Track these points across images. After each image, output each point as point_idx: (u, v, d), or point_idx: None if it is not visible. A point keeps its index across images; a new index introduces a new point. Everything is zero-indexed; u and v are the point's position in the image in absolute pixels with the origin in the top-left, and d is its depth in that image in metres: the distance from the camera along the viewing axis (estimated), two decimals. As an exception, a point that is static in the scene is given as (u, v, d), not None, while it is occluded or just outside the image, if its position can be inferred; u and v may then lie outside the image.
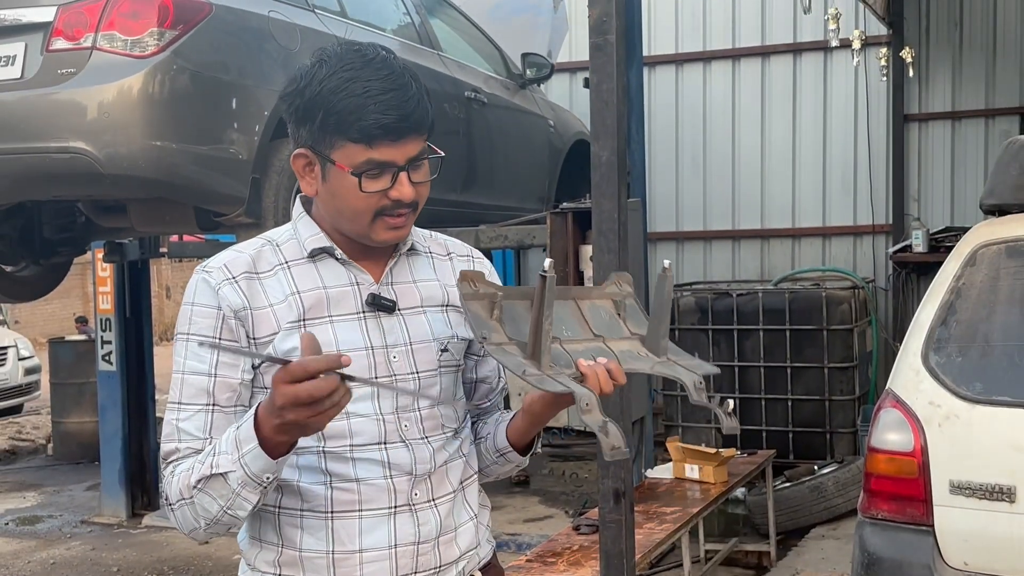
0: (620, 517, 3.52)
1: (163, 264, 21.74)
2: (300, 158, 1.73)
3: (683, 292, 8.00)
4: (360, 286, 1.74)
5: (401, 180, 1.68)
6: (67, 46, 4.29)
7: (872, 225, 8.58)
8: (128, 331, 7.59)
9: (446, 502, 1.77)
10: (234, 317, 1.68)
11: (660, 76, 9.15)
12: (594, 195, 3.50)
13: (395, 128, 1.65)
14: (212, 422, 1.67)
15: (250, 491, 1.58)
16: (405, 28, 6.04)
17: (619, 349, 1.76)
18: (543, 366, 1.61)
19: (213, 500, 1.60)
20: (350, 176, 1.66)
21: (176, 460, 1.67)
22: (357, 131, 1.64)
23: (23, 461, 9.93)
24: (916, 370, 3.42)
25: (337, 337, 1.69)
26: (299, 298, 1.70)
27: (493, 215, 6.48)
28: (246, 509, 1.61)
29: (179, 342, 1.71)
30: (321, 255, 1.74)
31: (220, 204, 4.60)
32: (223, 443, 1.59)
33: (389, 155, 1.66)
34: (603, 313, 1.81)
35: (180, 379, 1.70)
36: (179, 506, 1.64)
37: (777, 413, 7.48)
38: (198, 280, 1.71)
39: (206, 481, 1.59)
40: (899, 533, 3.37)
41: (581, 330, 1.75)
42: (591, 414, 1.58)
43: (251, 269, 1.71)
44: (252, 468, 1.56)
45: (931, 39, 8.47)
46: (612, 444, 1.58)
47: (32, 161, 4.30)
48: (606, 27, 3.41)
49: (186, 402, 1.68)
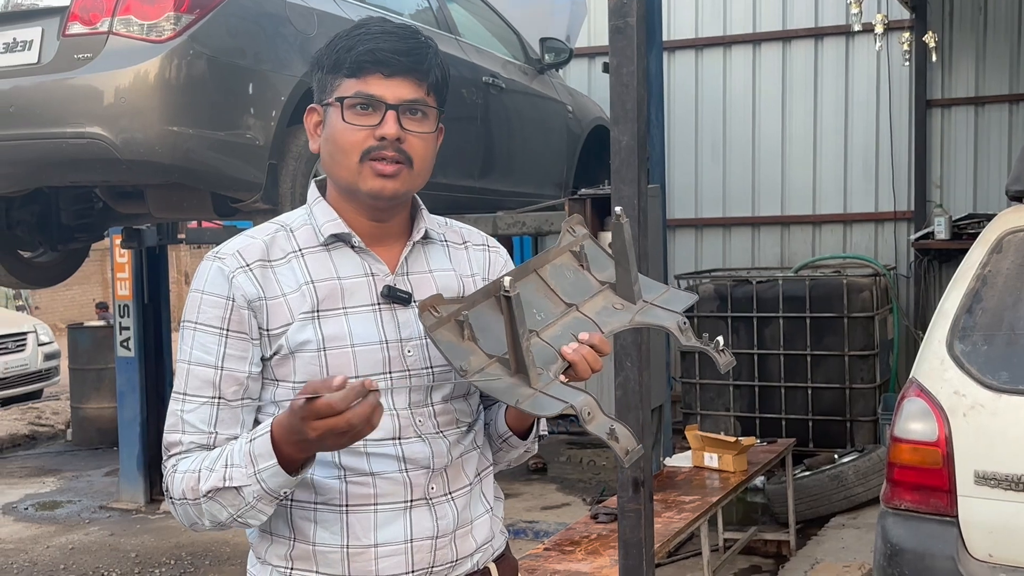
0: (639, 506, 3.49)
1: (181, 250, 21.81)
2: (311, 114, 1.73)
3: (702, 279, 7.95)
4: (375, 277, 1.70)
5: (388, 118, 1.63)
6: (84, 31, 4.28)
7: (894, 212, 8.50)
8: (146, 317, 7.60)
9: (463, 495, 1.74)
10: (247, 308, 1.64)
11: (680, 61, 9.08)
12: (613, 180, 3.46)
13: (386, 60, 1.63)
14: (217, 416, 1.64)
15: (266, 504, 1.57)
16: (423, 13, 6.00)
17: (594, 311, 1.71)
18: (532, 380, 1.55)
19: (223, 508, 1.58)
20: (340, 110, 1.64)
21: (179, 453, 1.64)
22: (350, 62, 1.64)
23: (42, 446, 9.98)
24: (941, 359, 3.37)
25: (351, 330, 1.65)
26: (313, 288, 1.66)
27: (511, 201, 6.44)
28: (259, 519, 1.60)
29: (186, 330, 1.67)
30: (336, 243, 1.70)
31: (237, 190, 4.59)
32: (236, 455, 1.56)
33: (378, 89, 1.63)
34: (567, 273, 1.75)
35: (186, 369, 1.66)
36: (180, 504, 1.62)
37: (797, 401, 7.43)
38: (211, 267, 1.66)
39: (217, 492, 1.57)
40: (922, 524, 3.33)
41: (552, 305, 1.69)
42: (595, 421, 1.52)
43: (264, 256, 1.67)
44: (269, 484, 1.54)
45: (954, 23, 8.37)
46: (625, 448, 1.52)
47: (49, 147, 4.29)
48: (626, 10, 3.36)
49: (191, 393, 1.64)
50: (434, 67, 1.68)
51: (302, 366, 1.64)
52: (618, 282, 1.75)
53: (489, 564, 1.81)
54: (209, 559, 6.23)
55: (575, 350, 1.60)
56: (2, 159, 4.41)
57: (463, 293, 1.76)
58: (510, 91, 6.42)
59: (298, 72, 4.58)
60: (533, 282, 1.70)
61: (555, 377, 1.58)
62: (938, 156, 8.43)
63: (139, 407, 7.58)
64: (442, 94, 1.72)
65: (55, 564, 6.29)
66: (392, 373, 1.67)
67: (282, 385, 1.66)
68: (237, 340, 1.64)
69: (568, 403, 1.52)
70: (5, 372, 11.41)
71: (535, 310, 1.66)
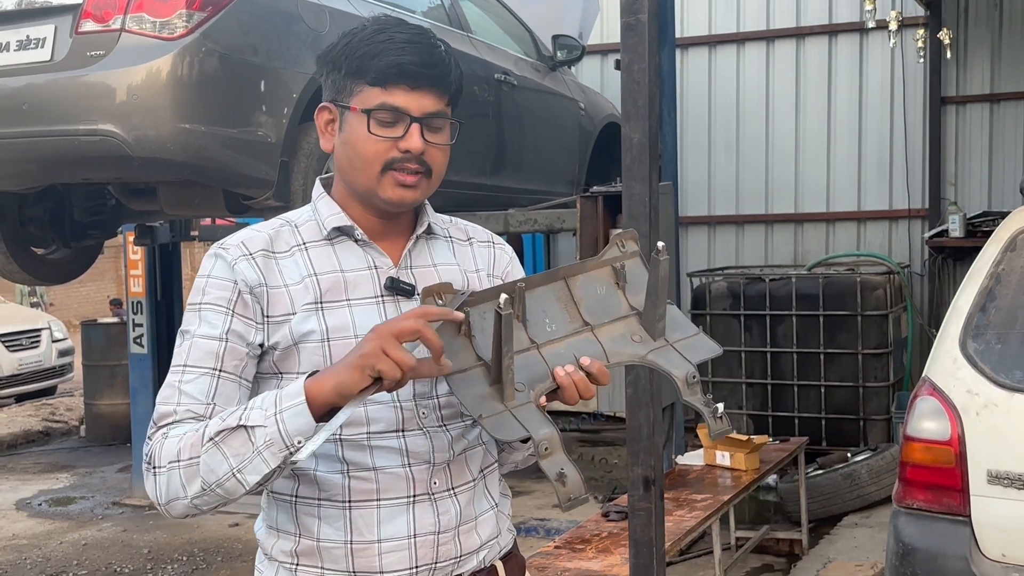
0: (650, 504, 3.47)
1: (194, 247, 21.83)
2: (323, 112, 1.73)
3: (715, 277, 7.93)
4: (378, 270, 1.71)
5: (412, 131, 1.65)
6: (96, 28, 4.28)
7: (908, 209, 8.46)
8: (159, 314, 7.62)
9: (466, 491, 1.73)
10: (249, 292, 1.64)
11: (693, 57, 9.05)
12: (625, 178, 3.45)
13: (412, 72, 1.64)
14: (217, 387, 1.62)
15: (271, 454, 1.50)
16: (435, 10, 5.99)
17: (610, 336, 1.65)
18: (507, 396, 1.52)
19: (224, 459, 1.52)
20: (363, 119, 1.64)
21: (171, 423, 1.61)
22: (374, 72, 1.64)
23: (56, 442, 10.03)
24: (954, 357, 3.36)
25: (355, 321, 1.66)
26: (316, 280, 1.67)
27: (523, 199, 6.43)
28: (254, 479, 1.52)
29: (190, 312, 1.66)
30: (340, 237, 1.71)
31: (249, 187, 4.59)
32: (259, 400, 1.54)
33: (404, 102, 1.64)
34: (599, 288, 1.69)
35: (189, 344, 1.64)
36: (168, 469, 1.56)
37: (810, 399, 7.41)
38: (215, 256, 1.68)
39: (227, 434, 1.52)
40: (935, 523, 3.32)
41: (568, 319, 1.64)
42: (549, 459, 1.49)
43: (268, 248, 1.68)
44: (288, 425, 1.49)
45: (969, 20, 8.32)
46: (569, 494, 1.49)
47: (61, 144, 4.30)
48: (638, 7, 3.35)
49: (192, 364, 1.63)
50: (455, 78, 1.70)
51: (307, 357, 1.64)
52: (645, 314, 1.68)
53: (496, 562, 1.80)
54: (221, 555, 6.25)
55: (568, 374, 1.57)
56: (15, 156, 4.42)
57: (467, 288, 1.75)
58: (522, 88, 6.42)
59: (310, 69, 4.58)
60: (558, 290, 1.67)
61: (535, 398, 1.55)
62: (952, 153, 8.39)
63: (152, 403, 7.59)
64: (457, 102, 1.73)
65: (68, 560, 6.31)
66: None
67: (286, 378, 1.65)
68: (241, 322, 1.64)
69: (528, 432, 1.50)
70: (19, 368, 11.46)
71: (548, 320, 1.63)
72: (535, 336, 1.60)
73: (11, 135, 4.35)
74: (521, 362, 1.56)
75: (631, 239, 1.74)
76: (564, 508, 1.50)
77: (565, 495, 1.49)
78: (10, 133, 4.35)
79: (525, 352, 1.58)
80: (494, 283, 1.82)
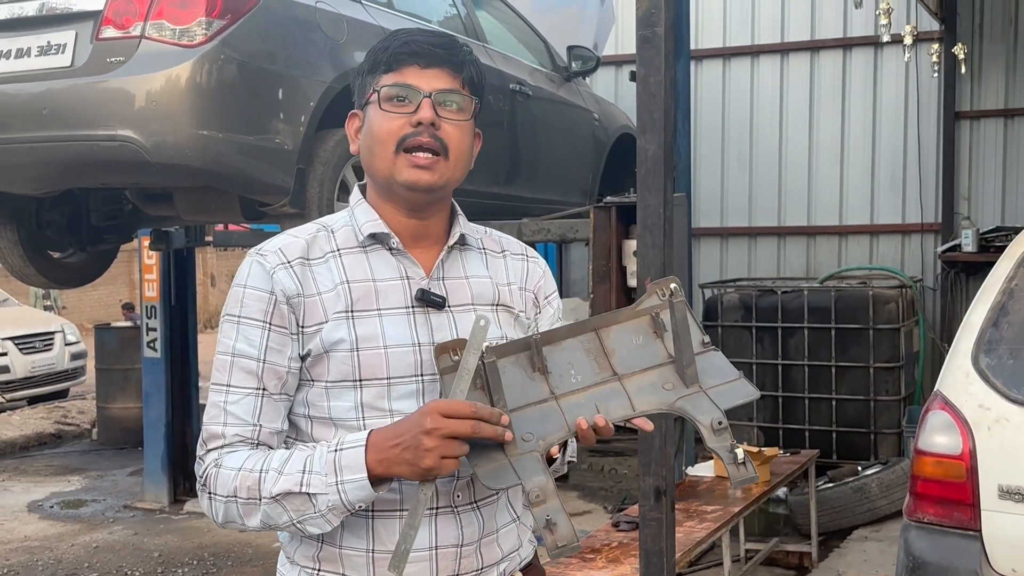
0: (661, 515, 3.48)
1: (208, 252, 21.96)
2: (352, 119, 1.78)
3: (727, 289, 7.93)
4: (410, 280, 1.72)
5: (423, 104, 1.67)
6: (116, 35, 4.32)
7: (921, 224, 8.45)
8: (173, 318, 7.66)
9: (489, 504, 1.74)
10: (286, 303, 1.66)
11: (707, 70, 9.07)
12: (639, 190, 3.47)
13: (422, 51, 1.68)
14: (261, 408, 1.66)
15: (336, 516, 1.58)
16: (451, 20, 6.03)
17: (639, 385, 1.63)
18: (508, 447, 1.54)
19: (285, 512, 1.59)
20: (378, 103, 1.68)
21: (221, 447, 1.65)
22: (387, 58, 1.69)
23: (68, 445, 10.07)
24: (966, 372, 3.36)
25: (384, 331, 1.67)
26: (348, 288, 1.68)
27: (536, 208, 6.45)
28: (322, 528, 1.60)
29: (228, 323, 1.68)
30: (374, 246, 1.72)
31: (265, 194, 4.62)
32: (316, 462, 1.57)
33: (415, 79, 1.68)
34: (635, 338, 1.66)
35: (229, 361, 1.66)
36: (226, 501, 1.62)
37: (821, 412, 7.40)
38: (252, 263, 1.69)
39: (287, 496, 1.57)
40: (945, 538, 3.32)
41: (596, 370, 1.63)
42: (540, 506, 1.50)
43: (304, 255, 1.69)
44: (351, 496, 1.56)
45: (984, 36, 8.32)
46: (556, 541, 1.50)
47: (80, 149, 4.33)
48: (654, 19, 3.37)
49: (235, 385, 1.65)
50: (468, 62, 1.72)
51: (335, 366, 1.66)
52: (676, 360, 1.64)
53: (516, 573, 1.81)
54: (231, 560, 6.27)
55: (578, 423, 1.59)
56: (34, 160, 4.46)
57: (498, 302, 1.78)
58: (537, 98, 6.44)
59: (327, 78, 4.61)
60: (587, 341, 1.65)
61: (543, 448, 1.56)
62: (966, 168, 8.38)
63: (164, 408, 7.64)
64: (478, 91, 1.75)
65: (79, 562, 6.34)
66: (423, 376, 1.67)
67: (316, 385, 1.68)
68: (278, 334, 1.66)
69: (519, 481, 1.52)
70: (32, 371, 11.52)
71: (574, 371, 1.62)
72: (557, 387, 1.60)
73: (31, 140, 4.39)
74: (536, 413, 1.57)
75: (671, 285, 1.68)
76: (552, 556, 1.51)
77: (553, 543, 1.50)
78: (30, 138, 4.39)
79: (542, 404, 1.59)
80: (526, 296, 1.84)
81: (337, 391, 1.66)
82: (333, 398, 1.67)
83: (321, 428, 1.68)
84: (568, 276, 9.29)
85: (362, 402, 1.65)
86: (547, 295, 1.88)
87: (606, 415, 1.59)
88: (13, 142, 4.43)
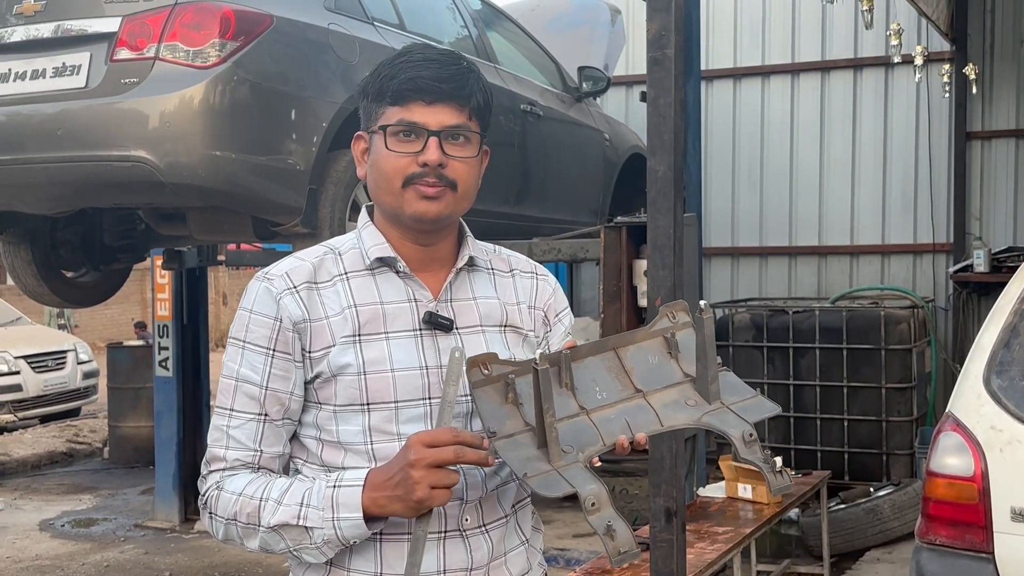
0: (672, 536, 3.47)
1: (220, 271, 22.00)
2: (358, 141, 1.77)
3: (738, 308, 7.92)
4: (418, 303, 1.72)
5: (430, 144, 1.66)
6: (130, 56, 4.36)
7: (932, 244, 8.44)
8: (185, 337, 7.68)
9: (498, 527, 1.73)
10: (292, 329, 1.67)
11: (718, 90, 9.09)
12: (649, 211, 3.47)
13: (427, 87, 1.66)
14: (262, 433, 1.68)
15: (331, 548, 1.61)
16: (462, 41, 6.06)
17: (663, 402, 1.64)
18: (553, 457, 1.54)
19: (282, 541, 1.62)
20: (384, 138, 1.67)
21: (222, 470, 1.68)
22: (392, 91, 1.67)
23: (79, 464, 10.09)
24: (977, 393, 3.35)
25: (392, 355, 1.67)
26: (355, 312, 1.68)
27: (547, 228, 6.47)
28: (317, 559, 1.63)
29: (233, 347, 1.70)
30: (381, 268, 1.73)
31: (277, 214, 4.64)
32: (314, 496, 1.60)
33: (421, 116, 1.66)
34: (650, 357, 1.68)
35: (233, 385, 1.69)
36: (226, 523, 1.65)
37: (832, 433, 7.37)
38: (259, 287, 1.69)
39: (284, 527, 1.61)
40: (958, 560, 3.30)
41: (619, 387, 1.64)
42: (597, 513, 1.49)
43: (311, 279, 1.70)
44: (346, 533, 1.59)
45: (995, 56, 8.32)
46: (618, 548, 1.49)
47: (94, 169, 4.37)
48: (664, 41, 3.38)
49: (238, 409, 1.68)
50: (476, 92, 1.70)
51: (343, 389, 1.66)
52: (698, 377, 1.66)
53: None
54: (242, 579, 6.27)
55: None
56: (49, 180, 4.49)
57: (506, 323, 1.78)
58: (547, 119, 6.46)
59: (339, 99, 4.64)
60: (607, 359, 1.66)
61: (584, 459, 1.56)
62: (978, 188, 8.37)
63: (176, 427, 7.65)
64: (485, 118, 1.74)
65: (90, 581, 6.35)
66: (431, 399, 1.68)
67: (324, 408, 1.68)
68: (282, 360, 1.67)
69: (574, 488, 1.51)
70: (45, 390, 11.56)
71: (598, 388, 1.63)
72: (585, 403, 1.61)
73: (46, 160, 4.43)
74: (571, 428, 1.58)
75: (682, 311, 1.72)
76: (614, 563, 1.50)
77: (615, 549, 1.48)
78: (45, 158, 4.43)
79: (575, 418, 1.59)
80: (535, 315, 1.84)
81: (345, 415, 1.67)
82: (342, 422, 1.67)
83: (330, 451, 1.69)
84: (579, 296, 9.29)
85: (370, 426, 1.66)
86: (557, 313, 1.88)
87: (636, 430, 1.61)
88: (28, 162, 4.47)
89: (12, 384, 11.23)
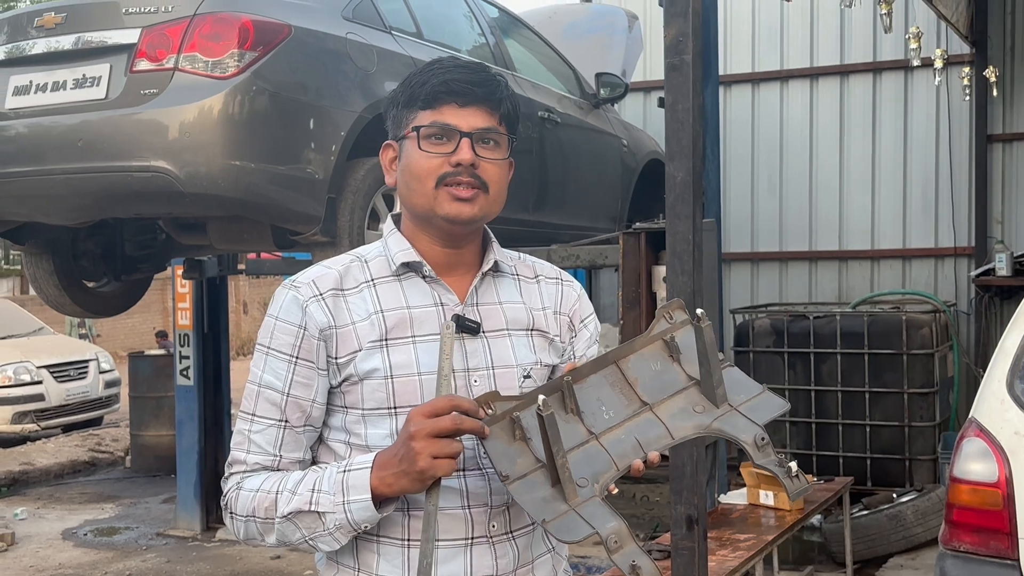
0: (693, 544, 3.46)
1: (241, 280, 22.09)
2: (387, 149, 1.78)
3: (758, 314, 7.89)
4: (444, 307, 1.73)
5: (462, 145, 1.68)
6: (150, 67, 4.38)
7: (954, 247, 8.38)
8: (206, 346, 7.71)
9: (524, 535, 1.74)
10: (318, 337, 1.68)
11: (736, 94, 9.07)
12: (668, 216, 3.46)
13: (459, 90, 1.68)
14: (283, 439, 1.70)
15: (343, 534, 1.62)
16: (480, 49, 6.06)
17: (670, 412, 1.62)
18: (569, 495, 1.51)
19: (298, 530, 1.63)
20: (416, 141, 1.69)
21: (242, 472, 1.71)
22: (425, 95, 1.69)
23: (102, 473, 10.14)
24: (1001, 399, 3.32)
25: (419, 359, 1.68)
26: (382, 317, 1.70)
27: (565, 234, 6.46)
28: (331, 546, 1.64)
29: (259, 353, 1.73)
30: (407, 273, 1.74)
31: (296, 223, 4.65)
32: (325, 481, 1.62)
33: (453, 118, 1.68)
34: (653, 364, 1.66)
35: (256, 391, 1.71)
36: (246, 520, 1.68)
37: (855, 439, 7.33)
38: (286, 295, 1.72)
39: (298, 515, 1.62)
40: (982, 566, 3.27)
41: (625, 402, 1.62)
42: (620, 552, 1.47)
43: (338, 286, 1.72)
44: (356, 516, 1.60)
45: (1016, 58, 8.27)
46: None
47: (115, 179, 4.39)
48: (682, 47, 3.37)
49: (260, 415, 1.70)
50: (505, 98, 1.73)
51: (369, 393, 1.68)
52: (702, 382, 1.64)
53: None
54: (263, 588, 6.28)
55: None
56: (70, 191, 4.52)
57: (532, 327, 1.78)
58: (565, 125, 6.46)
59: (358, 108, 4.65)
60: (610, 375, 1.64)
61: (600, 491, 1.53)
62: (999, 191, 8.32)
63: (197, 435, 7.68)
64: (513, 125, 1.76)
65: (113, 590, 6.37)
66: None
67: (351, 412, 1.70)
68: (305, 368, 1.69)
69: (594, 529, 1.48)
70: (67, 399, 11.62)
71: (604, 407, 1.61)
72: (592, 426, 1.59)
73: (67, 171, 4.46)
74: (582, 456, 1.56)
75: (678, 308, 1.70)
76: None
77: None
78: (66, 169, 4.46)
79: (585, 445, 1.57)
80: (560, 320, 1.84)
81: (373, 419, 1.69)
82: (370, 426, 1.69)
83: (360, 455, 1.69)
84: (598, 302, 9.28)
85: (397, 429, 1.66)
86: (583, 318, 1.88)
87: (647, 447, 1.58)
88: (49, 173, 4.50)
89: (35, 394, 11.30)
